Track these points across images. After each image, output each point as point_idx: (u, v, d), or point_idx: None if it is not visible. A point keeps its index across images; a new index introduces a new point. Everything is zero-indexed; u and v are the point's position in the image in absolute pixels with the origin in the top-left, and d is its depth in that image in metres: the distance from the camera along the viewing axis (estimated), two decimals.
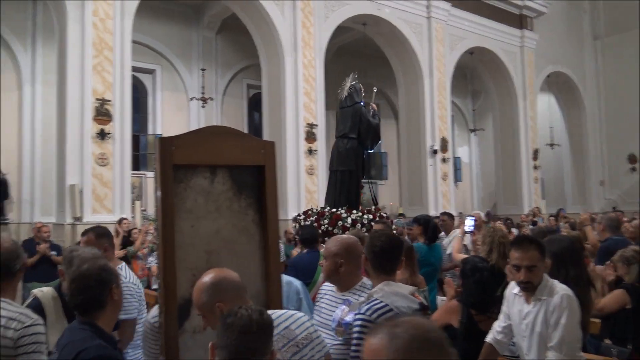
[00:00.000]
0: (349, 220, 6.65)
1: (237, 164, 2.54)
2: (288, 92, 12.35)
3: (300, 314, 2.00)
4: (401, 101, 16.17)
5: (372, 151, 7.40)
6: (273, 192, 2.59)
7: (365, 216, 6.76)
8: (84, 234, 3.20)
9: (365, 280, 2.67)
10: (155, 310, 2.24)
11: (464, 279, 3.06)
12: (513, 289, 2.72)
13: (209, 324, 1.87)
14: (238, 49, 16.15)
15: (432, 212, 13.16)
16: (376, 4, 14.06)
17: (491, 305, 2.83)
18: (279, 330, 1.86)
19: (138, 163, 14.44)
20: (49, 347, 2.21)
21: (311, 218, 7.08)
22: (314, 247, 4.29)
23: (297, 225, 7.28)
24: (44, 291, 2.44)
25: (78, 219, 9.38)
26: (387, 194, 19.35)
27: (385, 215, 7.27)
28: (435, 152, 15.12)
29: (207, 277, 1.86)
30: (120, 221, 8.76)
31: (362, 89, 7.52)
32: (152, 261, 7.53)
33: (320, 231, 6.20)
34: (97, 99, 9.74)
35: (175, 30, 15.41)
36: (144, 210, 12.66)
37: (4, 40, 12.97)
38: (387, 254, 2.42)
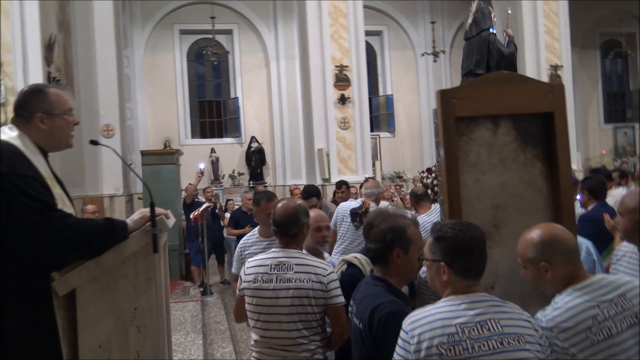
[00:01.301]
0: None
1: (522, 112, 2.35)
2: (527, 33, 11.29)
3: (636, 282, 1.72)
4: None
5: None
6: (564, 141, 2.35)
7: None
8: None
9: None
10: None
11: None
12: None
13: (527, 276, 1.78)
14: None
15: None
16: None
17: None
18: (612, 296, 1.63)
19: (372, 125, 14.97)
20: None
21: (432, 175, 6.43)
22: (603, 199, 3.81)
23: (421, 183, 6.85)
24: (358, 257, 2.56)
25: (326, 180, 10.18)
26: None
27: None
28: None
29: (538, 233, 1.73)
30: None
31: (492, 12, 6.12)
32: None
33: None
34: (336, 66, 10.31)
35: None
36: (382, 171, 13.15)
37: (252, 24, 14.57)
38: None
